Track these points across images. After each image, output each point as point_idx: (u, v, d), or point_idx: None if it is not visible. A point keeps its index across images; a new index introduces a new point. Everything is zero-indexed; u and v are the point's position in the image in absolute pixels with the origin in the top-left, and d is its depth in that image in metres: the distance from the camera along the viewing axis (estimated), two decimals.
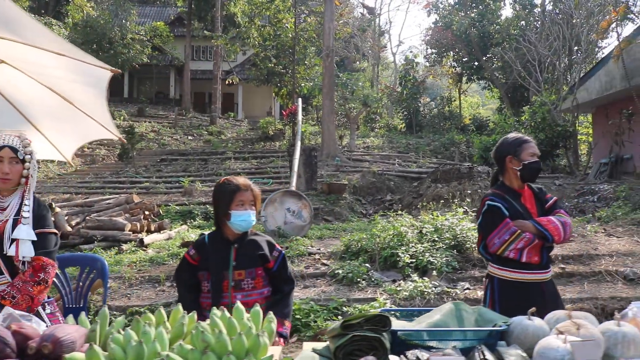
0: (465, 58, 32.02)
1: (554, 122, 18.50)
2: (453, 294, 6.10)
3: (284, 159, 18.02)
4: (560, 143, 19.04)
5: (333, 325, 2.20)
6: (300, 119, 17.07)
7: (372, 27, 38.30)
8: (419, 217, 8.99)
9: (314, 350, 2.16)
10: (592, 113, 19.91)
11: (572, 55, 21.67)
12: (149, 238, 9.14)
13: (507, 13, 75.40)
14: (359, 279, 6.55)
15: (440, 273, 6.68)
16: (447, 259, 6.94)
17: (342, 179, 15.12)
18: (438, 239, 7.49)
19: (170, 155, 22.20)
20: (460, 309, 2.39)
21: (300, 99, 18.96)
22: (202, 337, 1.90)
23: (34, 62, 3.45)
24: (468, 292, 6.17)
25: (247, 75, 29.89)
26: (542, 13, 26.21)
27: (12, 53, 3.55)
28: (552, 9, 25.60)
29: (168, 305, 5.80)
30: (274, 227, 9.30)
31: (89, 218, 9.44)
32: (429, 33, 33.87)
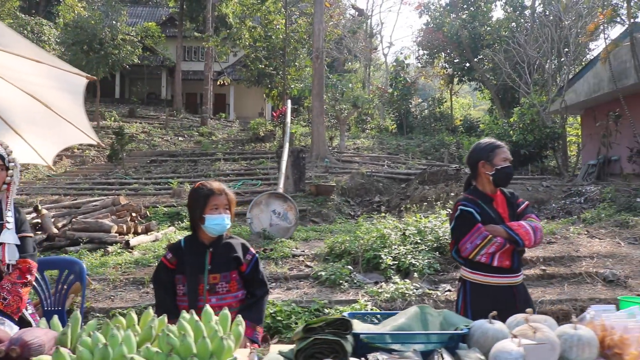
0: (457, 59, 32.15)
1: (543, 123, 18.62)
2: (434, 296, 6.14)
3: (274, 160, 18.03)
4: (549, 144, 19.17)
5: (297, 329, 2.24)
6: (289, 121, 17.06)
7: (363, 28, 38.35)
8: (403, 219, 9.04)
9: (280, 353, 2.20)
10: (580, 115, 20.04)
11: (561, 57, 21.80)
12: (136, 240, 9.13)
13: (498, 14, 75.62)
14: (342, 281, 6.57)
15: (422, 275, 6.72)
16: (429, 261, 6.98)
17: (330, 180, 15.13)
18: (421, 241, 7.54)
19: (160, 157, 22.16)
20: (426, 313, 2.42)
21: (290, 101, 18.95)
22: (167, 340, 1.96)
23: (13, 68, 3.48)
24: (449, 294, 6.20)
25: (238, 76, 29.89)
26: (532, 15, 26.35)
27: None
28: (542, 11, 25.73)
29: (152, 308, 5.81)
30: (260, 229, 9.32)
31: (75, 220, 9.42)
32: (421, 34, 34.00)
